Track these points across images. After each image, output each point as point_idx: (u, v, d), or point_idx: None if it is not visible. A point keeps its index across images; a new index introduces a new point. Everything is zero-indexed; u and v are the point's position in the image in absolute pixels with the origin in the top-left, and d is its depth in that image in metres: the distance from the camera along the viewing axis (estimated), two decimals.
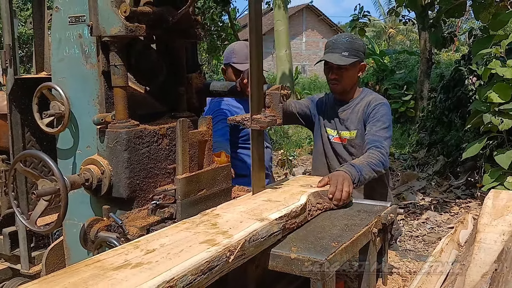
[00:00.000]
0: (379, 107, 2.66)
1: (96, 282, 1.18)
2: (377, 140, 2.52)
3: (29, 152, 2.03)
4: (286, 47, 16.08)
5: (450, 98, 8.77)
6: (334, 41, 2.71)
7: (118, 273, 1.24)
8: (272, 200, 1.96)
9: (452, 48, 23.90)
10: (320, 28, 34.72)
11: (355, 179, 2.21)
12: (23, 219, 1.90)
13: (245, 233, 1.55)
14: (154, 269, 1.26)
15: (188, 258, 1.33)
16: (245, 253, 1.51)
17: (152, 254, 1.37)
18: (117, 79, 1.98)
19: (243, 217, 1.74)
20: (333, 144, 2.81)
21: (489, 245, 2.04)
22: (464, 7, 6.49)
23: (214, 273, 1.36)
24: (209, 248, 1.41)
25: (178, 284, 1.22)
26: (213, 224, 1.66)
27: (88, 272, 1.25)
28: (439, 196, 7.34)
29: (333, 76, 2.69)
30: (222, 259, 1.39)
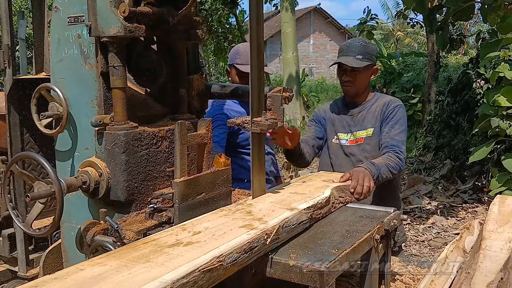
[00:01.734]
0: (398, 109, 2.73)
1: (156, 256, 1.39)
2: (396, 145, 2.61)
3: (25, 154, 2.01)
4: (293, 49, 16.06)
5: (457, 102, 8.69)
6: (348, 45, 2.81)
7: (173, 250, 1.44)
8: (298, 193, 2.12)
9: (460, 51, 23.77)
10: (328, 31, 34.65)
11: (374, 176, 2.34)
12: (19, 221, 1.87)
13: (278, 220, 1.72)
14: (204, 247, 1.46)
15: (232, 239, 1.52)
16: (279, 238, 1.68)
17: (199, 235, 1.57)
18: (115, 80, 1.95)
19: (274, 206, 1.92)
20: (347, 148, 2.82)
21: (495, 252, 1.99)
22: (472, 10, 6.43)
23: (254, 252, 1.54)
24: (249, 231, 1.60)
25: (226, 260, 1.41)
26: (248, 212, 1.85)
27: (147, 249, 1.45)
28: (446, 200, 7.26)
29: (347, 79, 2.77)
30: (260, 241, 1.58)
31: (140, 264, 1.33)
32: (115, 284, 1.20)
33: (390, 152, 2.58)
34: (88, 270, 1.30)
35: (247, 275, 1.67)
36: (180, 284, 1.23)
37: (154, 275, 1.24)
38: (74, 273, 1.28)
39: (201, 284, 1.31)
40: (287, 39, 16.11)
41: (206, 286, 1.33)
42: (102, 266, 1.32)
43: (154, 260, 1.35)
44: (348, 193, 2.25)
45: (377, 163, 2.44)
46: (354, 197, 2.25)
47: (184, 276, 1.25)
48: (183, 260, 1.34)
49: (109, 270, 1.29)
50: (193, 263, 1.32)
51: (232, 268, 1.45)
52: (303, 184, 2.30)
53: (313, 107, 18.86)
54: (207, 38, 15.15)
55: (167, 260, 1.35)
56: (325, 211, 2.03)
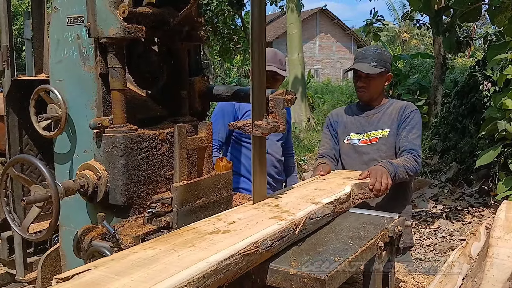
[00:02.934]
0: (414, 114, 2.82)
1: (199, 241, 1.55)
2: (414, 149, 2.71)
3: (21, 157, 1.97)
4: (298, 50, 16.00)
5: (464, 104, 8.62)
6: (364, 52, 2.90)
7: (212, 237, 1.60)
8: (320, 189, 2.25)
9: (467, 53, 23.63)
10: (334, 32, 34.54)
11: (391, 174, 2.44)
12: (15, 225, 1.83)
13: (304, 212, 1.86)
14: (240, 234, 1.61)
15: (265, 228, 1.67)
16: (305, 228, 1.81)
17: (234, 225, 1.72)
18: (115, 82, 1.92)
19: (300, 201, 2.05)
20: (359, 147, 2.88)
21: (502, 260, 1.93)
22: (479, 11, 6.37)
23: (284, 241, 1.68)
24: (279, 222, 1.74)
25: (261, 246, 1.55)
26: (275, 205, 1.98)
27: (189, 235, 1.61)
28: (452, 204, 7.19)
29: (361, 84, 2.85)
30: (290, 230, 1.72)
31: (185, 248, 1.49)
32: (167, 264, 1.35)
33: (408, 155, 2.68)
34: (141, 253, 1.46)
35: (247, 284, 1.63)
36: (224, 265, 1.39)
37: (200, 257, 1.40)
38: (129, 255, 1.44)
39: (241, 266, 1.47)
40: (292, 40, 16.06)
41: (245, 268, 1.50)
42: (153, 250, 1.48)
43: (197, 245, 1.52)
44: (367, 190, 2.36)
45: (394, 162, 2.55)
46: (373, 193, 2.37)
47: (227, 258, 1.41)
48: (224, 245, 1.50)
49: (159, 253, 1.45)
50: (233, 248, 1.47)
51: (266, 254, 1.59)
52: (324, 181, 2.43)
53: (318, 109, 18.79)
54: (213, 39, 15.13)
55: (209, 245, 1.51)
56: (346, 206, 2.17)
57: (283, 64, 3.17)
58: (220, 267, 1.36)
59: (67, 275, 1.29)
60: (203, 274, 1.30)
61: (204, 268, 1.32)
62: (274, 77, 3.07)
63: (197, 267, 1.32)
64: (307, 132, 15.38)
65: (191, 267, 1.32)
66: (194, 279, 1.27)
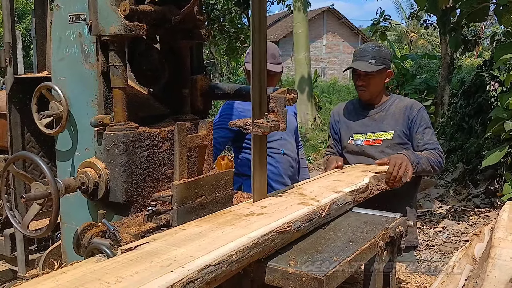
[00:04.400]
0: (421, 113, 2.78)
1: (238, 221, 1.73)
2: (435, 147, 2.71)
3: (21, 154, 1.98)
4: (305, 50, 15.98)
5: (470, 104, 8.57)
6: (362, 50, 2.85)
7: (249, 218, 1.78)
8: (341, 180, 2.40)
9: (475, 53, 23.49)
10: (341, 31, 34.46)
11: (413, 163, 2.45)
12: (16, 222, 1.84)
13: (328, 199, 2.02)
14: (273, 216, 1.78)
15: (294, 211, 1.84)
16: (330, 214, 1.98)
17: (266, 209, 1.90)
18: (116, 79, 1.92)
19: (323, 190, 2.20)
20: (362, 148, 2.85)
21: (504, 261, 1.92)
22: (486, 11, 6.32)
23: (312, 223, 1.86)
24: (307, 206, 1.91)
25: (293, 226, 1.72)
26: (301, 194, 2.15)
27: (229, 217, 1.81)
28: (457, 204, 7.15)
29: (361, 83, 2.81)
30: (317, 214, 1.89)
31: (227, 226, 1.67)
32: (214, 238, 1.54)
33: (432, 149, 2.67)
34: (189, 230, 1.65)
35: (246, 282, 1.63)
36: (263, 240, 1.57)
37: (241, 233, 1.58)
38: (179, 231, 1.64)
39: (277, 242, 1.65)
40: (299, 39, 16.04)
41: (279, 244, 1.67)
42: (199, 227, 1.68)
43: (237, 224, 1.70)
44: (383, 182, 2.44)
45: (417, 153, 2.56)
46: (390, 182, 2.40)
47: (265, 234, 1.58)
48: (261, 224, 1.67)
49: (205, 229, 1.65)
50: (269, 226, 1.65)
51: (296, 234, 1.76)
52: (343, 174, 2.56)
53: (325, 108, 18.75)
54: (219, 38, 15.12)
55: (248, 224, 1.69)
56: (365, 195, 2.30)
57: (276, 58, 3.00)
58: (260, 241, 1.55)
59: (130, 246, 1.48)
60: (247, 246, 1.49)
61: (246, 241, 1.50)
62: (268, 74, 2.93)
63: (240, 240, 1.51)
64: (313, 131, 15.36)
65: (235, 240, 1.50)
66: (240, 250, 1.46)
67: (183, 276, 1.24)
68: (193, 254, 1.39)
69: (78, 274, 1.28)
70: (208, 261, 1.35)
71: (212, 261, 1.35)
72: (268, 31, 32.04)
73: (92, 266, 1.35)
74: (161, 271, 1.26)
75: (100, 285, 1.20)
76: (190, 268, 1.29)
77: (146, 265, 1.32)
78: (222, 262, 1.38)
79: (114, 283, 1.20)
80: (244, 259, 1.48)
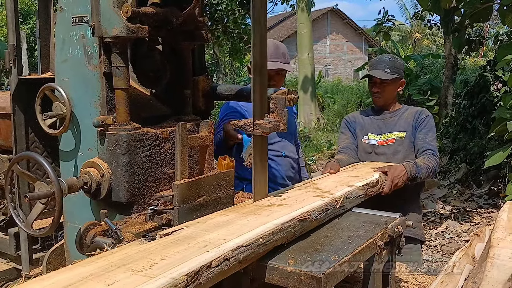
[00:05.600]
0: (429, 119, 3.01)
1: (260, 211, 1.88)
2: (433, 150, 2.89)
3: (25, 154, 2.01)
4: (308, 50, 15.99)
5: (474, 105, 8.56)
6: (378, 60, 3.10)
7: (270, 208, 1.93)
8: (352, 176, 2.55)
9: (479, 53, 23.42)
10: (345, 32, 34.40)
11: (411, 176, 2.64)
12: (19, 221, 1.87)
13: (342, 192, 2.17)
14: (292, 206, 1.94)
15: (311, 202, 1.99)
16: (344, 206, 2.13)
17: (285, 201, 2.05)
18: (118, 81, 1.94)
19: (336, 184, 2.35)
20: (377, 147, 3.05)
21: (503, 261, 1.93)
22: (490, 11, 6.31)
23: (327, 213, 2.01)
24: (322, 198, 2.06)
25: (311, 215, 1.87)
26: (316, 188, 2.30)
27: (251, 207, 1.95)
28: (460, 205, 7.15)
29: (376, 90, 3.03)
30: (332, 205, 2.05)
31: (251, 215, 1.82)
32: (241, 225, 1.69)
33: (430, 154, 2.84)
34: (217, 218, 1.80)
35: (246, 281, 1.65)
36: (286, 226, 1.72)
37: (265, 220, 1.73)
38: (208, 220, 1.79)
39: (297, 229, 1.79)
40: (302, 40, 16.06)
41: (299, 232, 1.81)
42: (226, 216, 1.83)
43: (260, 213, 1.85)
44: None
45: (419, 163, 2.72)
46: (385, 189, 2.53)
47: (287, 221, 1.74)
48: (282, 213, 1.83)
49: (232, 218, 1.80)
50: (290, 215, 1.80)
51: (314, 223, 1.91)
52: (354, 171, 2.71)
53: (328, 108, 18.75)
54: (223, 38, 15.13)
55: (270, 214, 1.84)
56: (375, 190, 2.46)
57: (286, 57, 3.04)
58: (283, 227, 1.70)
59: (167, 232, 1.63)
60: (272, 231, 1.64)
61: (271, 227, 1.66)
62: (279, 73, 2.97)
63: (265, 226, 1.66)
64: (316, 132, 15.37)
65: (261, 226, 1.66)
66: (266, 234, 1.61)
67: (219, 255, 1.40)
68: (225, 237, 1.54)
69: (126, 254, 1.43)
70: (240, 243, 1.50)
71: (243, 243, 1.50)
72: (272, 31, 32.03)
73: (137, 248, 1.50)
74: (199, 251, 1.42)
75: (148, 262, 1.34)
76: (224, 248, 1.45)
77: (184, 246, 1.48)
78: (251, 244, 1.53)
79: (160, 260, 1.35)
80: (270, 243, 1.63)
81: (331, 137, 14.09)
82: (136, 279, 1.23)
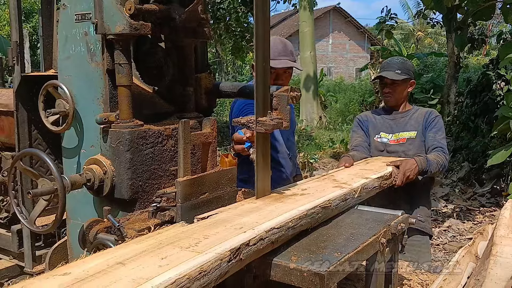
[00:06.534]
0: (439, 119, 3.16)
1: (285, 200, 2.00)
2: (443, 148, 3.02)
3: (28, 151, 2.01)
4: (310, 48, 15.97)
5: (476, 103, 8.54)
6: (389, 62, 3.26)
7: (294, 197, 2.05)
8: (367, 169, 2.67)
9: (482, 52, 23.36)
10: (347, 30, 34.33)
11: (421, 170, 2.77)
12: (22, 218, 1.87)
13: (359, 183, 2.30)
14: (314, 195, 2.06)
15: (332, 192, 2.12)
16: (361, 196, 2.26)
17: (306, 191, 2.16)
18: (121, 78, 1.95)
19: (352, 176, 2.47)
20: (388, 146, 3.19)
21: (506, 259, 1.93)
22: (493, 10, 6.30)
23: (347, 202, 2.15)
24: (341, 189, 2.18)
25: (332, 203, 2.00)
26: (333, 180, 2.42)
27: (276, 196, 2.06)
28: (463, 203, 7.13)
29: (388, 90, 3.18)
30: (351, 194, 2.18)
31: (277, 203, 1.95)
32: (270, 211, 1.82)
33: (440, 151, 2.98)
34: (247, 205, 1.92)
35: (249, 278, 1.65)
36: (310, 212, 1.85)
37: (291, 207, 1.86)
38: (239, 206, 1.91)
39: (320, 216, 1.92)
40: (304, 38, 16.04)
41: (322, 218, 1.95)
42: (254, 203, 1.96)
43: (285, 201, 1.98)
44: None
45: (430, 158, 2.85)
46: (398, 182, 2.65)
47: (312, 208, 1.87)
48: (305, 201, 1.95)
49: (260, 205, 1.93)
50: (313, 202, 1.93)
51: (335, 210, 2.05)
52: (367, 165, 2.84)
53: (331, 107, 18.71)
54: (225, 37, 15.13)
55: (294, 201, 1.97)
56: (388, 182, 2.58)
57: (294, 55, 3.01)
58: (308, 213, 1.83)
59: (203, 216, 1.76)
60: (299, 216, 1.77)
61: (298, 213, 1.79)
62: (287, 72, 2.91)
63: (292, 212, 1.79)
64: (318, 130, 15.35)
65: (288, 212, 1.79)
66: (294, 218, 1.75)
67: (255, 235, 1.54)
68: (257, 221, 1.68)
69: (172, 234, 1.58)
70: (272, 225, 1.63)
71: (275, 225, 1.64)
72: (274, 30, 31.97)
73: (180, 229, 1.64)
74: (236, 232, 1.56)
75: (193, 240, 1.49)
76: (259, 230, 1.58)
77: (222, 228, 1.62)
78: (282, 227, 1.67)
79: (203, 239, 1.50)
80: (297, 227, 1.77)
81: (333, 135, 14.07)
82: (186, 254, 1.37)
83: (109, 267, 1.28)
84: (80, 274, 1.23)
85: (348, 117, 16.41)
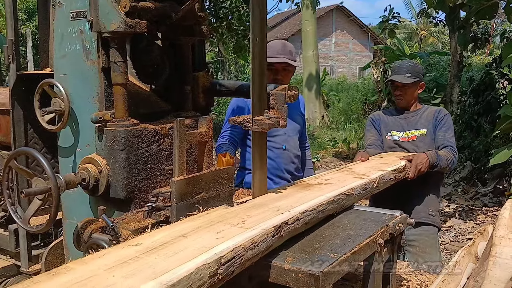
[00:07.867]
0: (448, 117, 3.33)
1: (311, 188, 2.21)
2: (452, 146, 3.19)
3: (22, 150, 1.99)
4: (313, 47, 15.92)
5: (479, 103, 8.48)
6: (399, 65, 3.45)
7: (319, 186, 2.24)
8: (381, 163, 2.87)
9: (485, 51, 23.28)
10: (350, 29, 34.26)
11: (432, 164, 2.94)
12: (17, 217, 1.86)
13: (377, 175, 2.49)
14: (338, 184, 2.27)
15: (352, 182, 2.31)
16: (379, 187, 2.48)
17: (329, 180, 2.38)
18: (116, 76, 1.93)
19: (369, 169, 2.66)
20: (400, 143, 3.36)
21: (505, 260, 1.91)
22: (496, 8, 6.24)
23: (367, 191, 2.36)
24: (361, 179, 2.39)
25: (355, 191, 2.21)
26: (352, 172, 2.62)
27: (302, 185, 2.29)
28: (465, 203, 7.09)
29: (398, 93, 3.37)
30: (370, 184, 2.39)
31: (306, 191, 2.16)
32: (299, 197, 2.02)
33: (449, 148, 3.14)
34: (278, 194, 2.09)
35: (244, 280, 1.63)
36: (336, 199, 2.05)
37: (318, 194, 2.06)
38: (271, 194, 2.09)
39: (344, 202, 2.13)
40: (307, 37, 15.99)
41: (346, 205, 2.16)
42: (285, 190, 2.17)
43: (311, 189, 2.19)
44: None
45: (440, 153, 3.03)
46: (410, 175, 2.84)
47: (337, 195, 2.07)
48: (330, 189, 2.16)
49: (290, 192, 2.14)
50: (338, 190, 2.13)
51: (356, 198, 2.25)
52: (381, 159, 3.04)
53: (333, 106, 18.66)
54: (227, 36, 15.09)
55: (320, 190, 2.17)
56: (403, 174, 2.79)
57: (293, 55, 3.10)
58: (334, 200, 2.04)
59: (242, 200, 2.02)
60: (326, 202, 1.97)
61: (325, 199, 1.98)
62: (285, 69, 3.00)
63: (321, 198, 1.99)
64: (321, 129, 15.32)
65: (317, 198, 1.99)
66: (323, 203, 1.94)
67: (292, 216, 1.73)
68: (291, 204, 1.88)
69: (220, 214, 1.78)
70: (305, 208, 1.83)
71: (308, 208, 1.84)
72: (277, 29, 31.92)
73: (224, 211, 1.83)
74: (275, 213, 1.75)
75: (239, 219, 1.68)
76: (294, 211, 1.78)
77: (262, 210, 1.82)
78: (314, 210, 1.87)
79: (247, 218, 1.69)
80: (326, 211, 1.96)
81: (336, 134, 14.03)
82: (236, 229, 1.56)
83: (173, 238, 1.47)
84: (151, 245, 1.41)
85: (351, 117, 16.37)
